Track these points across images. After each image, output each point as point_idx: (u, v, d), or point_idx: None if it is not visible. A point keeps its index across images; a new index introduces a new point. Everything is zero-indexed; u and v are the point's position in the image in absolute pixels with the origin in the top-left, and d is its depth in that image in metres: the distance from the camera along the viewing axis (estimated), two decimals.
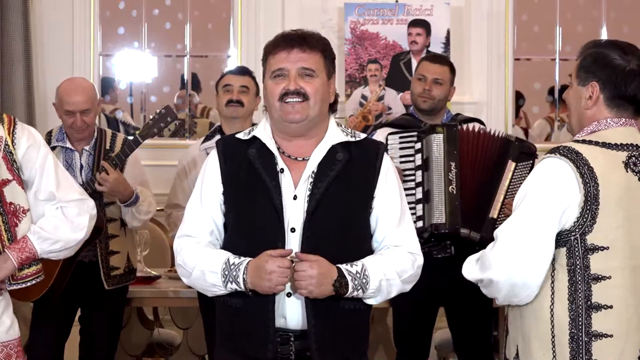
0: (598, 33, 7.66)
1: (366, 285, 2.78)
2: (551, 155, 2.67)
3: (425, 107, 4.46)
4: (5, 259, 2.97)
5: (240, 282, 2.75)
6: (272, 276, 2.71)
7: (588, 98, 2.74)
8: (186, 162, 4.70)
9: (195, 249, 2.86)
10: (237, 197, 2.85)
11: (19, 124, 3.06)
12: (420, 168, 4.10)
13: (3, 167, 2.97)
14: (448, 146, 4.05)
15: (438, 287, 4.28)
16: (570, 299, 2.62)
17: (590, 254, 2.61)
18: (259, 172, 2.82)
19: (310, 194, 2.80)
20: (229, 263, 2.77)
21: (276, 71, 2.84)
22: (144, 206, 4.38)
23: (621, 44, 2.78)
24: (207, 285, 2.83)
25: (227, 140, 2.98)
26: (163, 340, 5.49)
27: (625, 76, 2.71)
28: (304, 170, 2.83)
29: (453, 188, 4.01)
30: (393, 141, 4.21)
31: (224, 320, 2.92)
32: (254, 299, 2.77)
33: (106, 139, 4.46)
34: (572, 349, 2.62)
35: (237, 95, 4.57)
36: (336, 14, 6.86)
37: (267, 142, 2.86)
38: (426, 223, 4.03)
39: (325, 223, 2.80)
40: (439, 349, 5.35)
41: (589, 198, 2.60)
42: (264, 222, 2.81)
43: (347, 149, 2.86)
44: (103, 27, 7.25)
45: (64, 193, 3.06)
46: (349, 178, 2.83)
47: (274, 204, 2.79)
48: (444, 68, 4.52)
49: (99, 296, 4.41)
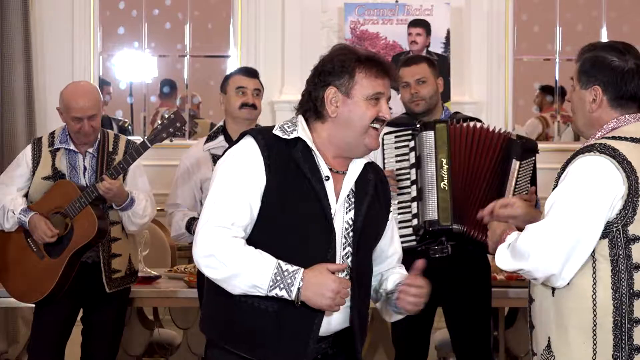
0: (598, 33, 7.66)
1: None
2: (589, 153, 2.71)
3: (420, 110, 4.46)
4: None
5: (293, 291, 2.67)
6: (336, 296, 2.68)
7: (592, 101, 2.81)
8: (189, 163, 4.66)
9: (235, 244, 2.71)
10: (282, 196, 2.76)
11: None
12: (414, 166, 4.10)
13: None
14: (439, 142, 4.05)
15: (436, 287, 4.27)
16: (614, 288, 2.69)
17: (631, 244, 2.69)
18: (307, 175, 2.77)
19: (353, 208, 2.84)
20: (281, 269, 2.68)
21: (376, 95, 2.79)
22: (139, 209, 4.36)
23: (617, 44, 2.85)
24: (246, 284, 2.69)
25: (265, 133, 2.85)
26: (163, 340, 5.49)
27: (625, 76, 2.78)
28: (343, 183, 2.83)
29: (445, 184, 4.01)
30: (389, 141, 4.21)
31: (239, 320, 2.79)
32: (294, 307, 2.71)
33: (109, 141, 4.45)
34: (616, 336, 2.69)
35: (252, 99, 4.54)
36: (336, 14, 6.87)
37: (314, 148, 2.82)
38: (420, 220, 4.04)
39: (367, 237, 2.88)
40: (438, 349, 5.35)
41: (631, 191, 2.67)
42: (311, 228, 2.76)
43: (372, 169, 2.95)
44: (103, 27, 7.26)
45: None
46: (377, 198, 2.92)
47: (324, 210, 2.77)
48: (421, 66, 4.51)
49: (101, 297, 4.40)
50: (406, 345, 4.55)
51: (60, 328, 4.41)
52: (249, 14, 6.96)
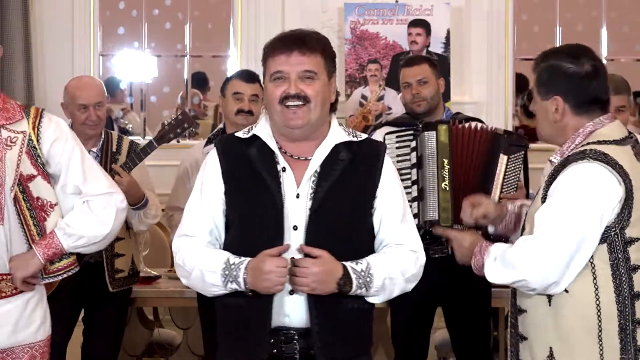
0: (598, 33, 7.67)
1: (370, 284, 2.76)
2: (582, 161, 2.69)
3: (421, 111, 4.46)
4: (33, 255, 2.97)
5: (240, 282, 2.74)
6: (270, 276, 2.69)
7: (554, 111, 2.80)
8: (188, 165, 4.67)
9: (194, 249, 2.84)
10: (238, 196, 2.84)
11: (46, 116, 3.05)
12: (415, 166, 4.10)
13: (27, 162, 2.97)
14: (441, 143, 4.05)
15: (436, 287, 4.28)
16: (617, 292, 2.69)
17: (629, 247, 2.69)
18: (260, 171, 2.81)
19: (313, 192, 2.79)
20: (229, 263, 2.75)
21: (275, 74, 2.81)
22: (152, 210, 4.38)
23: (570, 49, 2.84)
24: (207, 285, 2.81)
25: (226, 139, 2.97)
26: (163, 340, 5.49)
27: (582, 81, 2.77)
28: (307, 169, 2.81)
29: (446, 184, 4.01)
30: (390, 140, 4.21)
31: (224, 320, 2.91)
32: (253, 298, 2.76)
33: (112, 141, 4.45)
34: (622, 339, 2.69)
35: (248, 106, 4.54)
36: (336, 14, 6.86)
37: (268, 141, 2.84)
38: (421, 220, 4.04)
39: (329, 222, 2.78)
40: (438, 349, 5.35)
41: (627, 193, 2.67)
42: (264, 221, 2.79)
43: (350, 149, 2.86)
44: (103, 27, 7.26)
45: (90, 187, 3.04)
46: (351, 177, 2.83)
47: (275, 203, 2.78)
48: (423, 66, 4.52)
49: (103, 297, 4.40)
50: (406, 345, 4.55)
51: (62, 328, 4.40)
52: (249, 14, 6.96)
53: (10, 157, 2.96)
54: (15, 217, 2.97)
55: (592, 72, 2.77)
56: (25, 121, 3.01)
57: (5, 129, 2.99)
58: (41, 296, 3.08)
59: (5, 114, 3.02)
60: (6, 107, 3.03)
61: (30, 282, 3.01)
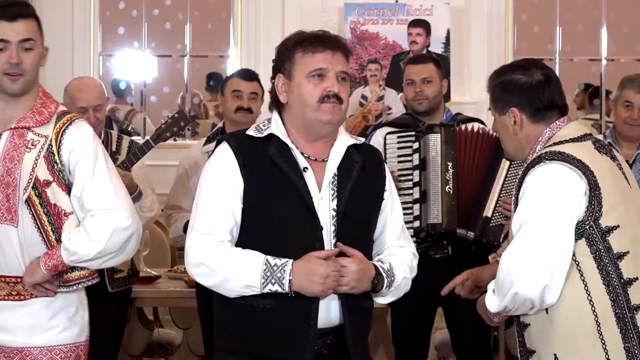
0: (598, 33, 7.67)
1: (393, 283, 2.82)
2: (539, 164, 2.73)
3: (422, 109, 4.46)
4: (37, 264, 2.93)
5: (285, 283, 2.69)
6: (327, 280, 2.69)
7: (513, 124, 2.84)
8: (188, 165, 4.67)
9: (221, 249, 2.76)
10: (261, 195, 2.78)
11: (76, 124, 2.99)
12: (418, 168, 4.10)
13: (44, 167, 2.93)
14: (445, 146, 4.05)
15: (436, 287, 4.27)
16: (605, 282, 2.70)
17: (607, 236, 2.70)
18: (284, 170, 2.78)
19: (336, 193, 2.80)
20: (270, 264, 2.70)
21: (316, 71, 2.79)
22: (147, 202, 4.37)
23: (519, 63, 2.91)
24: (239, 286, 2.73)
25: (238, 136, 2.88)
26: (163, 340, 5.48)
27: (534, 89, 2.81)
28: (326, 171, 2.81)
29: (450, 188, 4.01)
30: (391, 141, 4.21)
31: (239, 322, 2.81)
32: (291, 300, 2.72)
33: (112, 141, 4.46)
34: (622, 328, 2.70)
35: (247, 103, 4.55)
36: (336, 14, 6.87)
37: (287, 141, 2.82)
38: (423, 223, 4.04)
39: (354, 222, 2.80)
40: (438, 349, 5.35)
41: (591, 185, 2.68)
42: (296, 221, 2.76)
43: (359, 152, 2.89)
44: (103, 27, 7.27)
45: (92, 201, 2.94)
46: (365, 180, 2.85)
47: (306, 202, 2.76)
48: (429, 66, 4.52)
49: (103, 297, 4.40)
50: (406, 345, 4.55)
51: None
52: (249, 14, 6.96)
53: (27, 160, 2.93)
54: (30, 221, 2.94)
55: (544, 80, 2.82)
56: (52, 125, 2.98)
57: (32, 131, 2.97)
58: (66, 303, 3.01)
59: (38, 117, 2.99)
60: (41, 111, 3.00)
61: (49, 288, 2.97)
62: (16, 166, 2.93)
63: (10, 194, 2.93)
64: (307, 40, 2.82)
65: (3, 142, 2.97)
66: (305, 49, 2.80)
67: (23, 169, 2.93)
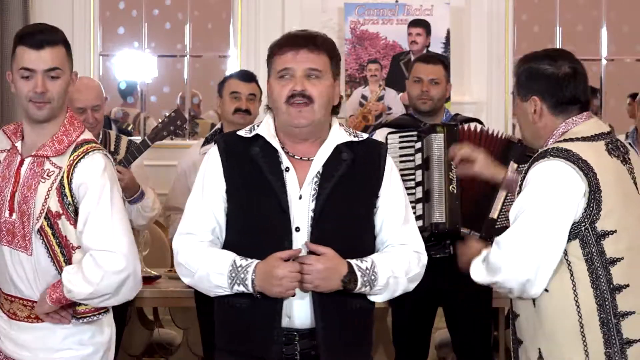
0: (598, 33, 7.67)
1: (374, 282, 2.75)
2: (543, 159, 2.74)
3: (426, 109, 4.46)
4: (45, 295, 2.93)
5: (248, 284, 2.72)
6: (283, 281, 2.68)
7: (533, 112, 2.85)
8: (186, 165, 4.68)
9: (198, 249, 2.82)
10: (241, 196, 2.82)
11: (89, 156, 2.95)
12: (421, 167, 4.09)
13: (55, 199, 2.91)
14: (449, 145, 4.04)
15: (437, 287, 4.28)
16: (594, 286, 2.70)
17: (602, 240, 2.70)
18: (264, 170, 2.79)
19: (316, 193, 2.77)
20: (235, 265, 2.73)
21: (282, 71, 2.79)
22: (149, 202, 4.38)
23: (549, 52, 2.90)
24: (211, 286, 2.79)
25: (227, 137, 2.95)
26: (163, 340, 5.49)
27: (560, 81, 2.81)
28: (309, 170, 2.80)
29: (453, 187, 4.01)
30: (393, 140, 4.21)
31: (226, 321, 2.88)
32: (261, 299, 2.74)
33: (110, 141, 4.46)
34: (604, 333, 2.70)
35: (246, 105, 4.55)
36: (336, 14, 6.86)
37: (272, 141, 2.83)
38: (426, 222, 4.03)
39: (332, 223, 2.77)
40: (438, 349, 5.35)
41: (591, 187, 2.68)
42: (270, 221, 2.78)
43: (351, 149, 2.85)
44: (103, 27, 7.26)
45: (88, 240, 2.90)
46: (354, 178, 2.82)
47: (280, 203, 2.76)
48: (438, 67, 4.53)
49: None
50: (406, 345, 4.55)
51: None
52: (249, 14, 6.95)
53: (41, 190, 2.92)
54: (43, 250, 2.92)
55: (570, 74, 2.82)
56: (67, 156, 2.94)
57: (49, 161, 2.95)
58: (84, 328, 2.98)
59: (57, 146, 2.97)
60: (61, 139, 2.97)
61: (63, 316, 2.94)
62: (32, 195, 2.92)
63: (25, 222, 2.93)
64: (279, 40, 2.85)
65: (24, 169, 2.96)
66: (277, 50, 2.83)
67: (37, 198, 2.91)
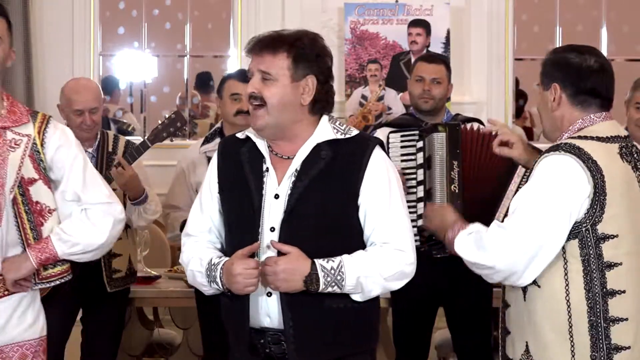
0: (598, 33, 7.67)
1: (341, 282, 2.68)
2: (554, 152, 2.72)
3: (427, 108, 4.46)
4: (26, 259, 2.95)
5: (219, 282, 2.78)
6: (238, 278, 2.69)
7: (552, 100, 2.83)
8: (185, 165, 4.67)
9: (192, 249, 2.91)
10: (227, 196, 2.88)
11: (52, 123, 3.05)
12: (422, 167, 4.09)
13: (29, 165, 2.95)
14: (451, 145, 4.04)
15: (437, 287, 4.29)
16: (587, 288, 2.69)
17: (601, 243, 2.69)
18: (246, 172, 2.83)
19: (290, 192, 2.76)
20: (210, 263, 2.80)
21: (248, 73, 2.87)
22: (151, 205, 4.38)
23: (577, 46, 2.89)
24: (199, 284, 2.87)
25: (227, 140, 3.01)
26: (163, 340, 5.48)
27: (582, 72, 2.80)
28: (288, 169, 2.80)
29: (455, 187, 4.00)
30: (394, 140, 4.21)
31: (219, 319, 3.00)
32: (235, 298, 2.78)
33: (108, 141, 4.45)
34: (592, 336, 2.69)
35: (247, 106, 4.54)
36: (336, 14, 6.86)
37: (258, 142, 2.86)
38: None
39: (303, 221, 2.73)
40: (439, 349, 5.35)
41: (597, 189, 2.67)
42: (243, 222, 2.81)
43: (334, 147, 2.79)
44: (103, 27, 7.26)
45: (89, 195, 3.01)
46: (331, 175, 2.76)
47: (252, 204, 2.79)
48: (441, 67, 4.53)
49: (102, 297, 4.40)
50: (406, 345, 4.55)
51: (60, 328, 4.40)
52: (249, 14, 6.95)
53: (12, 159, 2.94)
54: (12, 220, 2.96)
55: (596, 68, 2.80)
56: (31, 125, 3.01)
57: (11, 131, 2.99)
58: (33, 298, 3.06)
59: (13, 117, 3.02)
60: (13, 110, 3.04)
61: (23, 284, 2.99)
62: (2, 165, 2.93)
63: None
64: (247, 44, 2.88)
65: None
66: (247, 54, 2.87)
67: (9, 168, 2.93)
